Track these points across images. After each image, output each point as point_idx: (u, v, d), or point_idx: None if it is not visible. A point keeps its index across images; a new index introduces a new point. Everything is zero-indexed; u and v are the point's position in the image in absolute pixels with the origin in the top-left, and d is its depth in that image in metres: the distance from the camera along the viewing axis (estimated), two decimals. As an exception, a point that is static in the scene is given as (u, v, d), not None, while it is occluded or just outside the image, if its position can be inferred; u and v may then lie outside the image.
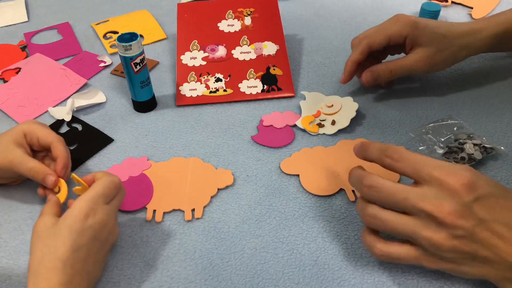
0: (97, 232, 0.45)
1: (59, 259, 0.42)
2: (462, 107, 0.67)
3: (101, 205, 0.46)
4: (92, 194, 0.46)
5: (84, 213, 0.44)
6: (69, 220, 0.44)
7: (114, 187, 0.48)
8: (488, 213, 0.40)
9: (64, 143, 0.55)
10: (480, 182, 0.40)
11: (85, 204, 0.45)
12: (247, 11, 0.79)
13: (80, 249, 0.43)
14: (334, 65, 0.77)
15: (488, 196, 0.40)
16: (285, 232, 0.52)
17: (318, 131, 0.63)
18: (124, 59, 0.62)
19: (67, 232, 0.43)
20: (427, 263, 0.43)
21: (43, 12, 0.95)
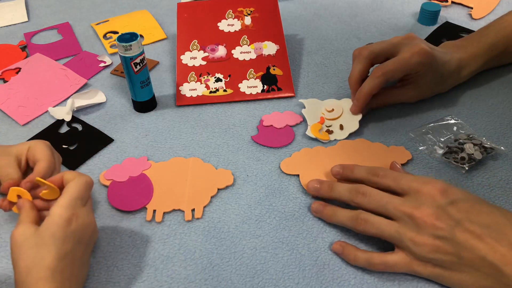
0: (80, 235, 0.45)
1: (47, 268, 0.41)
2: (462, 107, 0.67)
3: (80, 207, 0.45)
4: (69, 198, 0.45)
5: (66, 220, 0.43)
6: (52, 228, 0.43)
7: (89, 187, 0.47)
8: (463, 215, 0.44)
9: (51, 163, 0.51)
10: (453, 189, 0.46)
11: (65, 210, 0.44)
12: (247, 10, 0.79)
13: (67, 255, 0.43)
14: (334, 65, 0.77)
15: (462, 200, 0.45)
16: (285, 232, 0.52)
17: (329, 138, 0.62)
18: (124, 59, 0.62)
19: (51, 240, 0.42)
20: (417, 267, 0.45)
21: (43, 12, 0.95)
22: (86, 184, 0.47)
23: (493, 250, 0.42)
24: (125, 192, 0.56)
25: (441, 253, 0.43)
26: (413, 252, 0.45)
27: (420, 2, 0.92)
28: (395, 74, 0.61)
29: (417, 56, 0.60)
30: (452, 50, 0.66)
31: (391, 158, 0.59)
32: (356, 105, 0.63)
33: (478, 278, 0.43)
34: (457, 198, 0.45)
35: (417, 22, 0.87)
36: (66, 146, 0.64)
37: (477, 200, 0.46)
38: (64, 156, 0.62)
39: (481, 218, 0.44)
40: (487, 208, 0.45)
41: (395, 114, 0.66)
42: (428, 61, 0.61)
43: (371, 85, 0.61)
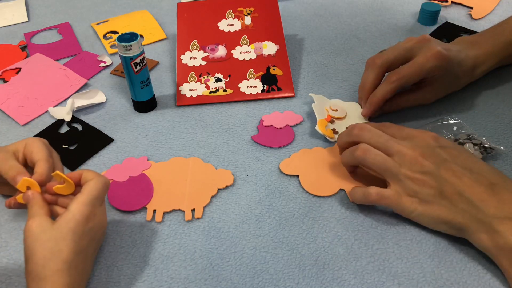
0: (95, 233, 0.46)
1: (64, 262, 0.42)
2: (462, 107, 0.67)
3: (98, 207, 0.47)
4: (90, 197, 0.46)
5: (86, 217, 0.45)
6: (71, 223, 0.44)
7: (107, 188, 0.48)
8: (450, 157, 0.49)
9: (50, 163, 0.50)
10: (445, 140, 0.52)
11: (86, 208, 0.45)
12: (247, 10, 0.79)
13: (82, 251, 0.44)
14: (334, 65, 0.77)
15: (452, 148, 0.51)
16: (285, 232, 0.52)
17: (334, 137, 0.62)
18: (124, 59, 0.62)
19: (70, 235, 0.43)
20: (405, 201, 0.50)
21: (43, 12, 0.95)
22: (105, 185, 0.47)
23: (471, 187, 0.47)
24: (125, 192, 0.56)
25: (426, 187, 0.49)
26: (403, 185, 0.50)
27: (420, 2, 0.92)
28: (410, 79, 0.60)
29: (432, 60, 0.59)
30: (467, 47, 0.65)
31: (391, 158, 0.59)
32: (369, 108, 0.63)
33: (455, 214, 0.47)
34: (448, 145, 0.51)
35: (417, 22, 0.87)
36: (66, 146, 0.64)
37: (465, 151, 0.51)
38: (64, 156, 0.62)
39: (466, 162, 0.49)
40: (473, 158, 0.50)
41: (395, 114, 0.66)
42: (444, 64, 0.60)
43: (385, 91, 0.61)
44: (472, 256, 0.49)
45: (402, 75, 0.60)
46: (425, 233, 0.51)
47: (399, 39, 0.82)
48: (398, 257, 0.49)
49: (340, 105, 0.67)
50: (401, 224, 0.52)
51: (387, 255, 0.49)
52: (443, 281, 0.47)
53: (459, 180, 0.48)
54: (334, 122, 0.64)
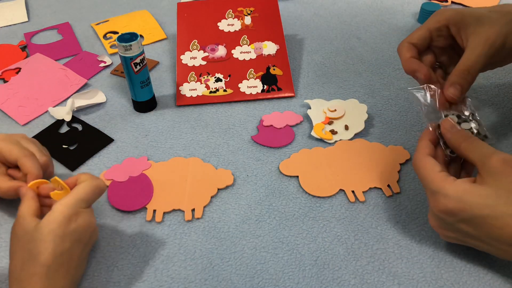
0: (80, 235, 0.45)
1: (42, 265, 0.41)
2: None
3: (83, 209, 0.45)
4: (75, 198, 0.45)
5: (67, 218, 0.43)
6: (52, 225, 0.43)
7: (98, 191, 0.47)
8: (474, 230, 0.43)
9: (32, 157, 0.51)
10: (462, 205, 0.42)
11: (68, 209, 0.44)
12: (247, 10, 0.79)
13: (63, 253, 0.43)
14: (334, 65, 0.77)
15: (473, 218, 0.42)
16: (285, 232, 0.52)
17: (332, 138, 0.62)
18: (124, 59, 0.62)
19: (49, 237, 0.42)
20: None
21: (43, 12, 0.95)
22: (96, 188, 0.46)
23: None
24: (125, 192, 0.56)
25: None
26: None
27: (420, 2, 0.92)
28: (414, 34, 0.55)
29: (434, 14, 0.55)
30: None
31: (390, 158, 0.59)
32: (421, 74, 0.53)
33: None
34: (467, 216, 0.43)
35: (417, 22, 0.87)
36: (66, 146, 0.64)
37: (491, 213, 0.41)
38: (64, 156, 0.62)
39: (494, 232, 0.42)
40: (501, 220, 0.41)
41: (396, 114, 0.67)
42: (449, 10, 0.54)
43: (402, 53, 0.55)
44: (472, 256, 0.49)
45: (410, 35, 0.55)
46: (425, 233, 0.51)
47: (399, 39, 0.82)
48: (398, 257, 0.49)
49: (339, 105, 0.67)
50: (401, 224, 0.52)
51: (387, 255, 0.49)
52: (443, 281, 0.47)
53: (490, 248, 0.44)
54: (333, 123, 0.64)
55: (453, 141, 0.48)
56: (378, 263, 0.49)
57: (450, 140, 0.48)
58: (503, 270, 0.47)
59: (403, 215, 0.53)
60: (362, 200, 0.55)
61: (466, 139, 0.46)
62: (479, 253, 0.49)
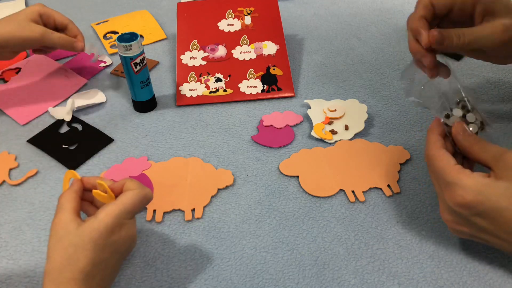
0: (119, 246, 0.44)
1: (81, 271, 0.41)
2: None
3: (127, 220, 0.44)
4: (120, 209, 0.44)
5: (110, 229, 0.43)
6: (94, 234, 0.42)
7: (145, 202, 0.46)
8: (489, 224, 0.43)
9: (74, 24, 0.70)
10: (480, 198, 0.42)
11: (112, 220, 0.43)
12: (247, 10, 0.79)
13: (101, 263, 0.43)
14: (334, 65, 0.77)
15: (490, 210, 0.42)
16: (285, 232, 0.52)
17: (332, 138, 0.62)
18: (124, 59, 0.62)
19: (90, 245, 0.42)
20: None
21: (43, 12, 0.95)
22: (143, 199, 0.45)
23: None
24: (125, 192, 0.56)
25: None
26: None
27: (420, 2, 0.91)
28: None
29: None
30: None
31: (390, 158, 0.59)
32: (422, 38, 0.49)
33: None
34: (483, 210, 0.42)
35: (417, 22, 0.87)
36: (66, 146, 0.64)
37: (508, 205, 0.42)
38: (64, 156, 0.62)
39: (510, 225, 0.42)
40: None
41: (396, 114, 0.67)
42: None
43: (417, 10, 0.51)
44: (472, 256, 0.49)
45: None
46: (425, 233, 0.51)
47: (399, 39, 0.82)
48: (398, 257, 0.49)
49: (339, 105, 0.67)
50: (401, 224, 0.52)
51: (387, 255, 0.49)
52: (443, 281, 0.47)
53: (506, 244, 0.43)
54: (333, 123, 0.64)
55: (465, 144, 0.47)
56: (378, 263, 0.49)
57: (462, 142, 0.48)
58: (503, 270, 0.48)
59: (403, 215, 0.53)
60: (362, 200, 0.55)
61: (478, 142, 0.46)
62: (479, 253, 0.49)
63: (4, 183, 0.59)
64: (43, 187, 0.58)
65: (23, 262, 0.50)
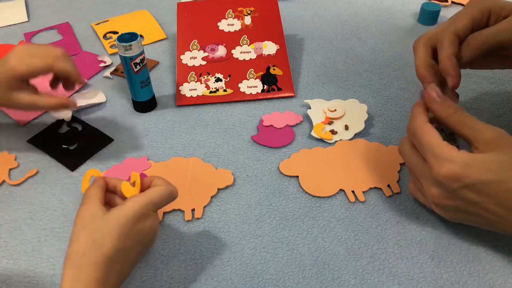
0: (142, 237, 0.45)
1: (104, 256, 0.42)
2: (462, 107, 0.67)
3: (152, 213, 0.46)
4: (148, 200, 0.45)
5: (137, 217, 0.44)
6: (121, 219, 0.43)
7: (171, 199, 0.47)
8: (477, 196, 0.43)
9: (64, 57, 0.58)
10: (468, 171, 0.42)
11: (140, 209, 0.44)
12: (247, 10, 0.79)
13: (124, 250, 0.43)
14: (334, 65, 0.77)
15: (477, 183, 0.43)
16: (285, 232, 0.52)
17: (332, 138, 0.62)
18: (124, 59, 0.62)
19: (116, 231, 0.43)
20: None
21: (43, 12, 0.95)
22: (170, 194, 0.47)
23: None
24: (125, 192, 0.56)
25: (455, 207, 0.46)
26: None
27: (420, 2, 0.92)
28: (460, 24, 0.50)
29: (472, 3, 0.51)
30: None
31: (390, 158, 0.59)
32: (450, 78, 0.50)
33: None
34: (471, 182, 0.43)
35: (417, 22, 0.87)
36: (66, 146, 0.64)
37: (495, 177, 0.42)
38: (64, 156, 0.62)
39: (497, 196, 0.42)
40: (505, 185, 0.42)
41: (396, 114, 0.67)
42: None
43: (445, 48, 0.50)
44: (472, 256, 0.49)
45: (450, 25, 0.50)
46: (425, 233, 0.51)
47: (399, 39, 0.82)
48: (398, 257, 0.49)
49: (339, 104, 0.67)
50: (401, 224, 0.52)
51: (387, 255, 0.49)
52: (443, 281, 0.47)
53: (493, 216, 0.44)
54: (333, 123, 0.64)
55: (440, 112, 0.47)
56: (378, 263, 0.49)
57: (437, 110, 0.47)
58: (503, 270, 0.48)
59: (403, 215, 0.53)
60: (362, 200, 0.55)
61: (455, 112, 0.46)
62: (479, 253, 0.49)
63: (4, 183, 0.59)
64: (43, 187, 0.58)
65: (23, 262, 0.50)
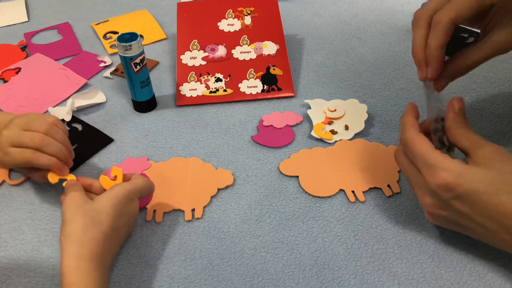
0: (129, 218, 0.49)
1: (103, 233, 0.45)
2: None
3: (135, 199, 0.50)
4: (134, 186, 0.49)
5: (125, 199, 0.48)
6: (113, 200, 0.47)
7: (150, 191, 0.52)
8: (468, 208, 0.43)
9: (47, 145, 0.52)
10: (460, 181, 0.42)
11: (127, 192, 0.48)
12: (247, 10, 0.79)
13: (117, 229, 0.47)
14: (334, 65, 0.77)
15: (469, 193, 0.42)
16: (285, 232, 0.52)
17: (332, 138, 0.62)
18: (124, 59, 0.62)
19: (111, 210, 0.46)
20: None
21: (43, 12, 0.95)
22: (150, 186, 0.52)
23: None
24: (125, 192, 0.56)
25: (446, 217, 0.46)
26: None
27: (420, 2, 0.92)
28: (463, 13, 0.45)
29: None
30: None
31: (390, 157, 0.59)
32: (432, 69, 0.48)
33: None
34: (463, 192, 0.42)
35: (417, 22, 0.87)
36: (66, 146, 0.64)
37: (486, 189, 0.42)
38: (64, 156, 0.62)
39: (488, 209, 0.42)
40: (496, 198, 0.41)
41: (396, 114, 0.67)
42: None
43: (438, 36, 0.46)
44: (472, 256, 0.49)
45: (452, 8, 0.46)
46: (425, 233, 0.51)
47: (399, 39, 0.82)
48: (398, 257, 0.49)
49: (339, 105, 0.67)
50: (401, 224, 0.52)
51: (387, 255, 0.49)
52: (443, 281, 0.47)
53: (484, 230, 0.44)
54: (333, 123, 0.64)
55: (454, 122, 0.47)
56: (378, 263, 0.49)
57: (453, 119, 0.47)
58: (503, 270, 0.48)
59: (403, 215, 0.53)
60: (362, 200, 0.55)
61: (466, 126, 0.47)
62: (479, 253, 0.49)
63: (4, 183, 0.59)
64: (43, 187, 0.58)
65: (23, 262, 0.50)
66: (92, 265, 0.42)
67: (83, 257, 0.42)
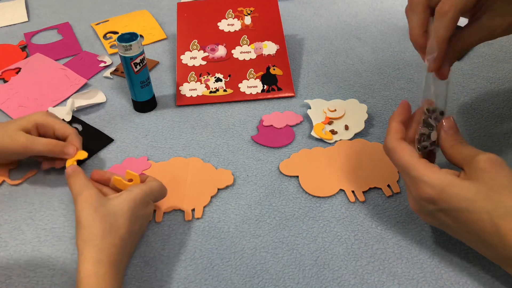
0: (144, 222, 0.49)
1: (121, 238, 0.45)
2: (462, 107, 0.67)
3: (151, 202, 0.50)
4: (151, 189, 0.49)
5: (143, 202, 0.48)
6: (131, 203, 0.46)
7: (164, 194, 0.52)
8: (452, 221, 0.43)
9: (78, 135, 0.58)
10: (444, 196, 0.42)
11: (145, 195, 0.48)
12: (247, 10, 0.79)
13: (132, 233, 0.47)
14: (334, 65, 0.77)
15: (452, 210, 0.43)
16: (285, 232, 0.52)
17: (332, 138, 0.62)
18: (124, 59, 0.62)
19: (128, 214, 0.46)
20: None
21: (43, 12, 0.95)
22: (164, 190, 0.52)
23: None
24: (125, 192, 0.56)
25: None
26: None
27: (420, 2, 0.91)
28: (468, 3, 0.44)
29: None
30: None
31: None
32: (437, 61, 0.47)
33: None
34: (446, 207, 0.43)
35: (417, 22, 0.87)
36: (66, 146, 0.64)
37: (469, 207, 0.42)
38: (64, 156, 0.62)
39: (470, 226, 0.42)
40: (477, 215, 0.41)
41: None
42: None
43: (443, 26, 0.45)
44: (472, 256, 0.49)
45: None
46: (425, 233, 0.51)
47: (399, 39, 0.82)
48: (398, 257, 0.49)
49: (339, 105, 0.67)
50: (401, 224, 0.52)
51: (387, 255, 0.49)
52: (443, 281, 0.47)
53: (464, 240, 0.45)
54: (333, 123, 0.64)
55: (446, 141, 0.47)
56: (378, 263, 0.49)
57: (444, 139, 0.47)
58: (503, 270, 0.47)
59: (403, 215, 0.53)
60: (362, 200, 0.55)
61: (459, 142, 0.46)
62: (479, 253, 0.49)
63: (4, 183, 0.59)
64: (43, 187, 0.58)
65: (23, 262, 0.50)
66: (110, 270, 0.43)
67: (102, 263, 0.43)
